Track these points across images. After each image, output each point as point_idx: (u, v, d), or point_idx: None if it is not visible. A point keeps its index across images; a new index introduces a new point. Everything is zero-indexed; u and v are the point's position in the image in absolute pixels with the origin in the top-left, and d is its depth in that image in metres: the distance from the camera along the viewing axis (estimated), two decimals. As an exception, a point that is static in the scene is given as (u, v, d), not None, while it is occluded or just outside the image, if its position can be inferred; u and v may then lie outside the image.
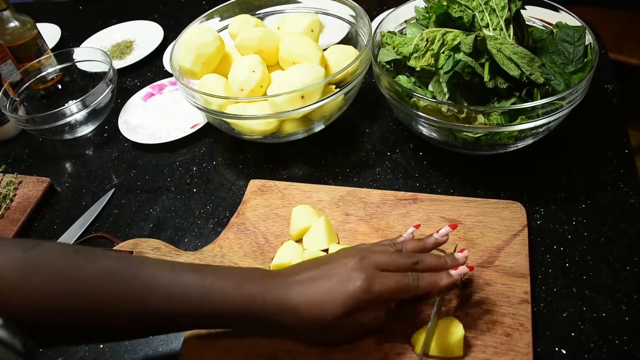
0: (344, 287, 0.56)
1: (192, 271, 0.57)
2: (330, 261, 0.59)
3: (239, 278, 0.57)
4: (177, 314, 0.55)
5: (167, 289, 0.54)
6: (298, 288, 0.56)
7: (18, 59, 1.10)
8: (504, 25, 0.77)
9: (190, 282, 0.55)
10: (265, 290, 0.56)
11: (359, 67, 0.84)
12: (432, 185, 0.82)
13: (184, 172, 0.92)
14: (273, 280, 0.58)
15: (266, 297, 0.56)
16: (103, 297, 0.53)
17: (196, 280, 0.55)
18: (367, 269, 0.57)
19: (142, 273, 0.55)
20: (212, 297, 0.55)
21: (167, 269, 0.56)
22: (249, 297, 0.56)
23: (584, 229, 0.73)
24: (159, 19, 1.36)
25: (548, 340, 0.62)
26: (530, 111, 0.70)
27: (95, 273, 0.53)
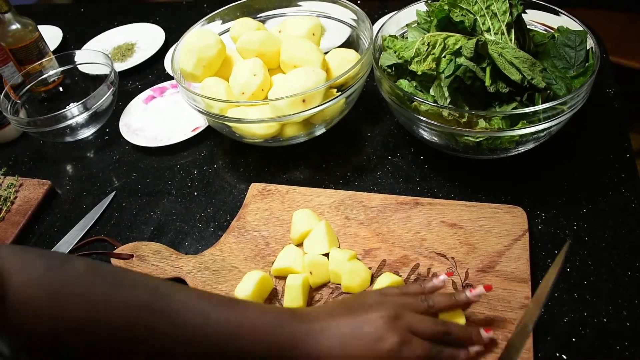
0: (374, 346, 0.53)
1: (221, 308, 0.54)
2: (362, 311, 0.56)
3: (268, 323, 0.54)
4: (201, 353, 0.52)
5: (195, 329, 0.52)
6: (327, 342, 0.54)
7: (19, 61, 1.10)
8: (505, 29, 0.77)
9: (218, 322, 0.52)
10: (294, 340, 0.54)
11: (360, 71, 0.84)
12: (433, 189, 0.82)
13: (185, 175, 0.92)
14: (302, 328, 0.55)
15: (295, 347, 0.53)
16: (127, 330, 0.50)
17: (224, 321, 0.53)
18: (399, 331, 0.54)
19: (173, 304, 0.52)
20: (241, 342, 0.52)
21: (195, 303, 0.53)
22: (277, 346, 0.53)
23: (585, 233, 0.72)
24: (160, 21, 1.36)
25: (549, 346, 0.62)
26: (532, 116, 0.70)
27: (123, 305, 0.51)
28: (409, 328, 0.55)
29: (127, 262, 0.76)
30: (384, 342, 0.53)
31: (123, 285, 0.52)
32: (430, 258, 0.70)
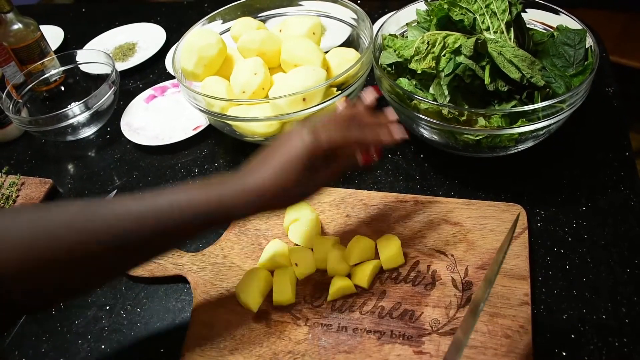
0: (294, 148, 0.59)
1: (154, 194, 0.57)
2: (274, 143, 0.62)
3: (201, 186, 0.58)
4: (149, 234, 0.55)
5: (134, 213, 0.55)
6: (254, 174, 0.59)
7: (21, 60, 1.10)
8: (504, 28, 0.77)
9: (155, 201, 0.56)
10: (226, 187, 0.58)
11: (360, 70, 0.84)
12: (433, 187, 0.82)
13: (186, 174, 0.92)
14: (231, 178, 0.59)
15: (232, 188, 0.58)
16: (73, 239, 0.53)
17: (160, 198, 0.56)
18: (309, 126, 0.60)
19: (105, 207, 0.55)
20: (179, 206, 0.56)
21: (128, 198, 0.57)
22: (215, 197, 0.57)
23: (584, 231, 0.73)
24: (161, 21, 1.36)
25: (548, 342, 0.62)
26: (531, 114, 0.71)
27: (58, 219, 0.54)
28: (319, 122, 0.61)
29: (129, 260, 0.77)
30: (300, 139, 0.59)
31: (57, 205, 0.57)
32: (430, 255, 0.70)
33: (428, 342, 0.62)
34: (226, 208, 0.58)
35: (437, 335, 0.62)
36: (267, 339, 0.65)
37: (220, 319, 0.68)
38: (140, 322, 0.71)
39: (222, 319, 0.68)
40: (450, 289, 0.67)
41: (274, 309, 0.68)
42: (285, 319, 0.67)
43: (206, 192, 0.57)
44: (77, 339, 0.71)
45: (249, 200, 0.58)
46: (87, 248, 0.53)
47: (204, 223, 0.58)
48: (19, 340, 0.72)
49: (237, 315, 0.68)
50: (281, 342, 0.65)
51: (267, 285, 0.69)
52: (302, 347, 0.64)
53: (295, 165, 0.58)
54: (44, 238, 0.52)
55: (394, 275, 0.69)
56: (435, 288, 0.67)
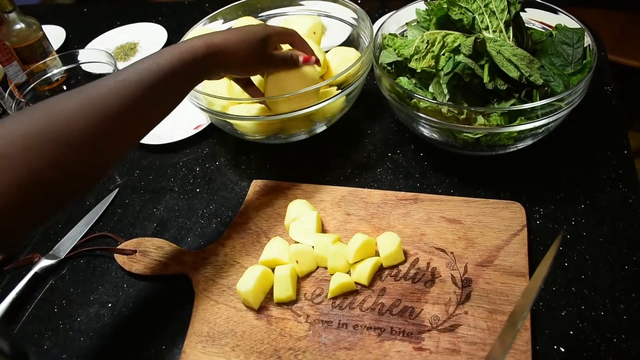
0: (254, 29, 0.76)
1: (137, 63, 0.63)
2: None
3: (174, 48, 0.66)
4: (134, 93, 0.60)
5: (117, 79, 0.60)
6: (222, 35, 0.72)
7: (24, 60, 1.11)
8: (503, 27, 0.78)
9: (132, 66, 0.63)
10: (199, 42, 0.68)
11: (360, 69, 0.85)
12: (432, 185, 0.82)
13: (187, 173, 0.93)
14: (200, 39, 0.69)
15: (204, 45, 0.68)
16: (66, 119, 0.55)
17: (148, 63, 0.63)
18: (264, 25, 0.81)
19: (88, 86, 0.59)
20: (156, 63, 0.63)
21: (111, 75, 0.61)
22: (190, 54, 0.66)
23: (582, 228, 0.73)
24: (162, 21, 1.37)
25: (547, 339, 0.63)
26: (530, 112, 0.71)
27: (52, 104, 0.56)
28: None
29: (130, 258, 0.77)
30: (258, 27, 0.77)
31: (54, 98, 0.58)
32: (430, 253, 0.71)
33: (428, 338, 0.62)
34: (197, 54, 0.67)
35: (436, 331, 0.63)
36: (268, 336, 0.66)
37: (221, 316, 0.69)
38: (141, 320, 0.72)
39: (223, 316, 0.68)
40: (449, 286, 0.67)
41: (275, 306, 0.69)
42: (286, 316, 0.67)
43: (178, 46, 0.66)
44: (80, 336, 0.71)
45: (215, 52, 0.69)
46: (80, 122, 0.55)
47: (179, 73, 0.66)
48: (21, 337, 0.72)
49: (238, 312, 0.69)
50: (282, 339, 0.65)
51: (268, 283, 0.70)
52: (302, 344, 0.64)
53: (253, 34, 0.74)
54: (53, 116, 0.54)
55: (394, 272, 0.70)
56: (434, 285, 0.68)
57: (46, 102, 0.56)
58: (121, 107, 0.59)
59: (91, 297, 0.76)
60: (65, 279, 0.79)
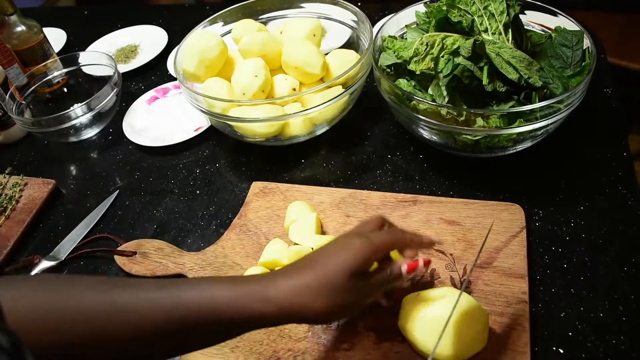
0: (344, 253, 0.54)
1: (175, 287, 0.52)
2: (317, 251, 0.57)
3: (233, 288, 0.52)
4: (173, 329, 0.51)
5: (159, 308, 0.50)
6: (290, 281, 0.53)
7: (24, 62, 1.11)
8: (502, 29, 0.78)
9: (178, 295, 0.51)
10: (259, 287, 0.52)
11: (360, 71, 0.85)
12: (432, 187, 0.83)
13: (188, 175, 0.93)
14: (261, 278, 0.54)
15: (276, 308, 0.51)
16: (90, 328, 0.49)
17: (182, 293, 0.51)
18: (360, 232, 0.57)
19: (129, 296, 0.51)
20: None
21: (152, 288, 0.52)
22: (256, 318, 0.52)
23: (582, 230, 0.73)
24: (163, 23, 1.37)
25: (546, 340, 0.63)
26: (529, 114, 0.71)
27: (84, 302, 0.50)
28: (365, 229, 0.59)
29: (130, 259, 0.77)
30: (352, 244, 0.54)
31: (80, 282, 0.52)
32: (429, 254, 0.71)
33: (427, 339, 0.62)
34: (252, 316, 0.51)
35: (435, 333, 0.63)
36: (267, 337, 0.66)
37: (221, 317, 0.69)
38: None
39: (223, 317, 0.68)
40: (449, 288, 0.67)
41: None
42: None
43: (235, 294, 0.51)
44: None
45: (284, 313, 0.52)
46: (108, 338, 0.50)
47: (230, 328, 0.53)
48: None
49: (237, 313, 0.69)
50: (281, 340, 0.65)
51: (267, 284, 0.70)
52: (302, 345, 0.64)
53: (342, 277, 0.52)
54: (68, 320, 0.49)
55: (393, 273, 0.70)
56: (434, 286, 0.68)
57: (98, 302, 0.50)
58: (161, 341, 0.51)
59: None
60: (66, 280, 0.79)
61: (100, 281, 0.54)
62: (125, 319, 0.50)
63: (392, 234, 0.59)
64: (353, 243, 0.54)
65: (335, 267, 0.53)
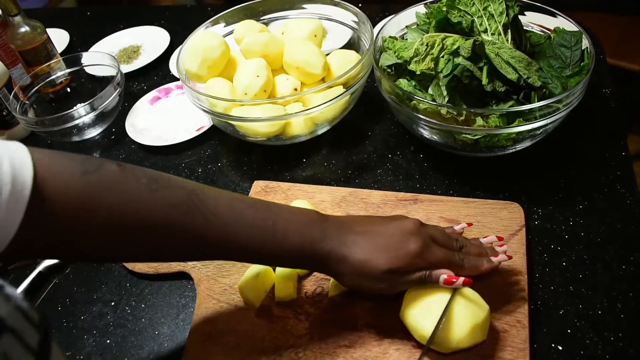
0: (400, 246, 0.59)
1: (255, 209, 0.58)
2: (386, 221, 0.62)
3: (299, 222, 0.59)
4: (235, 250, 0.57)
5: (228, 227, 0.56)
6: (354, 239, 0.59)
7: (28, 63, 1.12)
8: (502, 30, 0.79)
9: (252, 222, 0.57)
10: (324, 237, 0.59)
11: (360, 71, 0.86)
12: (432, 186, 0.83)
13: (190, 174, 0.94)
14: (332, 227, 0.60)
15: (325, 243, 0.58)
16: (165, 230, 0.54)
17: (259, 220, 0.57)
18: (423, 236, 0.60)
19: (206, 206, 0.55)
20: (274, 238, 0.57)
21: (229, 205, 0.57)
22: (308, 241, 0.58)
23: (581, 229, 0.74)
24: (165, 24, 1.38)
25: (545, 337, 0.63)
26: (528, 114, 0.72)
27: (160, 205, 0.53)
28: (430, 236, 0.61)
29: (133, 257, 0.78)
30: (410, 244, 0.59)
31: (158, 186, 0.54)
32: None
33: (427, 336, 0.63)
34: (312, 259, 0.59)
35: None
36: (269, 334, 0.66)
37: (223, 314, 0.69)
38: (144, 318, 0.73)
39: (225, 315, 0.69)
40: (448, 285, 0.68)
41: (276, 305, 0.69)
42: (287, 315, 0.68)
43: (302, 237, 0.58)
44: (83, 334, 0.72)
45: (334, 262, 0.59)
46: (173, 241, 0.55)
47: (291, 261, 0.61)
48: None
49: (239, 311, 0.69)
50: (283, 337, 0.66)
51: (269, 282, 0.71)
52: (303, 342, 0.65)
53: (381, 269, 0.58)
54: (141, 216, 0.53)
55: (393, 271, 0.70)
56: (434, 284, 0.68)
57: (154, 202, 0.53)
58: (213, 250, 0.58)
59: (94, 295, 0.77)
60: (69, 278, 0.80)
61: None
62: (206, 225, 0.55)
63: (451, 257, 0.61)
64: (409, 246, 0.59)
65: (380, 257, 0.58)
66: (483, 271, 0.63)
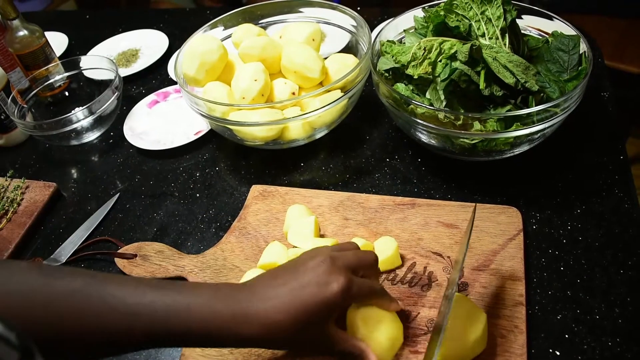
0: (323, 291, 0.53)
1: (157, 289, 0.53)
2: (298, 265, 0.57)
3: (205, 295, 0.53)
4: (140, 332, 0.52)
5: (129, 308, 0.51)
6: (272, 302, 0.53)
7: (26, 66, 1.12)
8: (499, 34, 0.79)
9: (153, 300, 0.52)
10: (231, 303, 0.53)
11: (358, 75, 0.86)
12: (430, 190, 0.83)
13: (188, 178, 0.94)
14: (240, 292, 0.54)
15: (234, 310, 0.53)
16: (66, 316, 0.51)
17: (160, 298, 0.52)
18: (343, 271, 0.55)
19: (104, 290, 0.52)
20: (177, 316, 0.52)
21: (132, 286, 0.53)
22: (215, 312, 0.52)
23: (578, 233, 0.74)
24: (164, 28, 1.38)
25: (542, 342, 0.63)
26: (526, 118, 0.72)
27: (58, 292, 0.51)
28: (348, 266, 0.56)
29: (131, 262, 0.78)
30: (331, 285, 0.54)
31: (60, 276, 0.53)
32: (427, 257, 0.72)
33: (424, 341, 0.63)
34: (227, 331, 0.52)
35: (433, 335, 0.64)
36: None
37: None
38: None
39: None
40: (446, 290, 0.68)
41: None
42: None
43: (211, 308, 0.52)
44: None
45: (253, 332, 0.53)
46: (77, 328, 0.51)
47: (202, 338, 0.53)
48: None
49: None
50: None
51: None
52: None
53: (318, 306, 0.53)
54: (40, 306, 0.50)
55: (390, 276, 0.70)
56: (431, 289, 0.68)
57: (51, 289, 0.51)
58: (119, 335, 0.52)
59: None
60: (66, 282, 0.80)
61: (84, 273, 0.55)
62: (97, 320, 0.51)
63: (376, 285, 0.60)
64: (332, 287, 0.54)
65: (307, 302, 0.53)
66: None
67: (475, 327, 0.59)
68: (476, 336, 0.58)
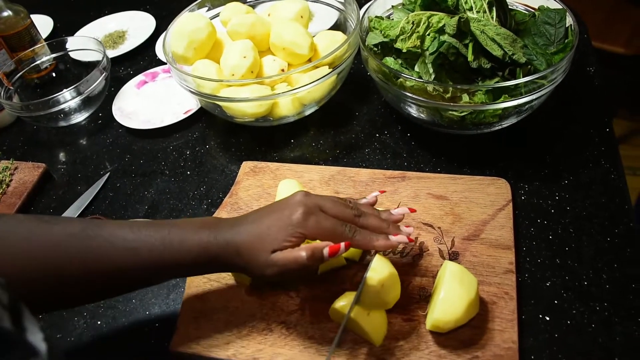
0: (283, 218, 0.58)
1: (151, 226, 0.59)
2: (278, 202, 0.62)
3: (194, 226, 0.59)
4: (140, 266, 0.57)
5: (129, 243, 0.57)
6: (242, 227, 0.59)
7: (12, 48, 1.11)
8: (487, 7, 0.79)
9: (150, 234, 0.58)
10: (217, 233, 0.59)
11: (347, 50, 0.86)
12: (420, 164, 0.84)
13: (178, 156, 0.94)
14: (224, 224, 0.60)
15: (218, 239, 0.58)
16: (69, 258, 0.55)
17: (155, 232, 0.58)
18: (308, 204, 0.59)
19: (103, 231, 0.57)
20: (171, 245, 0.57)
21: (127, 226, 0.58)
22: (203, 240, 0.58)
23: (566, 203, 0.75)
24: (150, 9, 1.37)
25: (532, 308, 0.64)
26: (513, 89, 0.73)
27: (58, 235, 0.55)
28: (319, 206, 0.60)
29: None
30: (291, 212, 0.58)
31: (58, 221, 0.57)
32: (418, 228, 0.72)
33: (416, 309, 0.64)
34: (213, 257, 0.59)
35: (424, 302, 0.64)
36: (260, 311, 0.67)
37: (214, 293, 0.70)
38: (135, 298, 0.73)
39: (215, 293, 0.69)
40: (437, 259, 0.69)
41: (266, 282, 0.70)
42: (277, 291, 0.68)
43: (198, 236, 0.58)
44: (73, 316, 0.72)
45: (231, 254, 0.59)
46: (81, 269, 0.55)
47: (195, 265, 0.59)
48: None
49: (230, 289, 0.70)
50: (273, 313, 0.66)
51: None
52: (293, 318, 0.65)
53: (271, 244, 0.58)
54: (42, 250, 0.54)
55: (382, 247, 0.71)
56: (423, 259, 0.69)
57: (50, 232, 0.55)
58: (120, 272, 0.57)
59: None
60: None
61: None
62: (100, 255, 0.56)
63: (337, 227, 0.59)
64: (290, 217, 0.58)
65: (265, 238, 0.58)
66: (376, 247, 0.60)
67: (468, 292, 0.60)
68: (470, 299, 0.59)
